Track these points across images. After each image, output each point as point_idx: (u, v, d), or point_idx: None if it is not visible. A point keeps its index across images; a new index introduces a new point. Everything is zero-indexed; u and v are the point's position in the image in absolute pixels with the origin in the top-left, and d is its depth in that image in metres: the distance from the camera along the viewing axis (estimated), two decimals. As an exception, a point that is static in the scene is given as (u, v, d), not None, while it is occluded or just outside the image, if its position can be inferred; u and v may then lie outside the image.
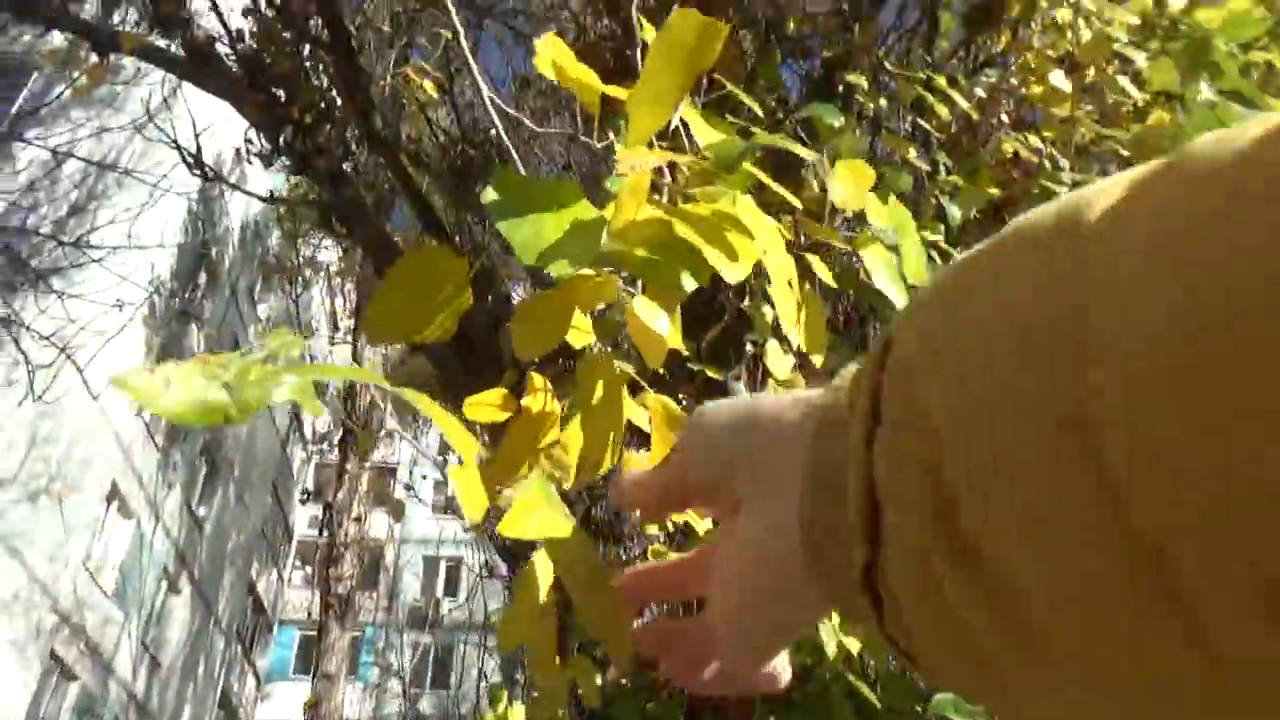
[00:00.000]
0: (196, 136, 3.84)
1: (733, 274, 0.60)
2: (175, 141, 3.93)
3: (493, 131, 4.24)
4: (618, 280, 0.63)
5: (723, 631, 0.35)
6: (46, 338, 6.42)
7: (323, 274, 11.98)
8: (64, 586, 10.46)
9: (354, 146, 3.45)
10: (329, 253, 11.70)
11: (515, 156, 1.36)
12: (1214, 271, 0.18)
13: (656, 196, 0.67)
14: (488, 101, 1.36)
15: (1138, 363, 0.18)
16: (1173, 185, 0.20)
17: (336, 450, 10.74)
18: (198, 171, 4.00)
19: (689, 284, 0.58)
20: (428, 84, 4.23)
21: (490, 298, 2.86)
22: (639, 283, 0.68)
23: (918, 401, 0.23)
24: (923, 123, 2.37)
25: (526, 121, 1.28)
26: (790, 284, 0.74)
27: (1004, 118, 2.52)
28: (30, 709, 10.00)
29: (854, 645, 1.19)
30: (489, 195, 0.62)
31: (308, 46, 3.56)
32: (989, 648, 0.23)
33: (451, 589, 18.03)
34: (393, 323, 0.60)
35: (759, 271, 0.69)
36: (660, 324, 0.64)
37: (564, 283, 0.60)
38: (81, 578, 10.86)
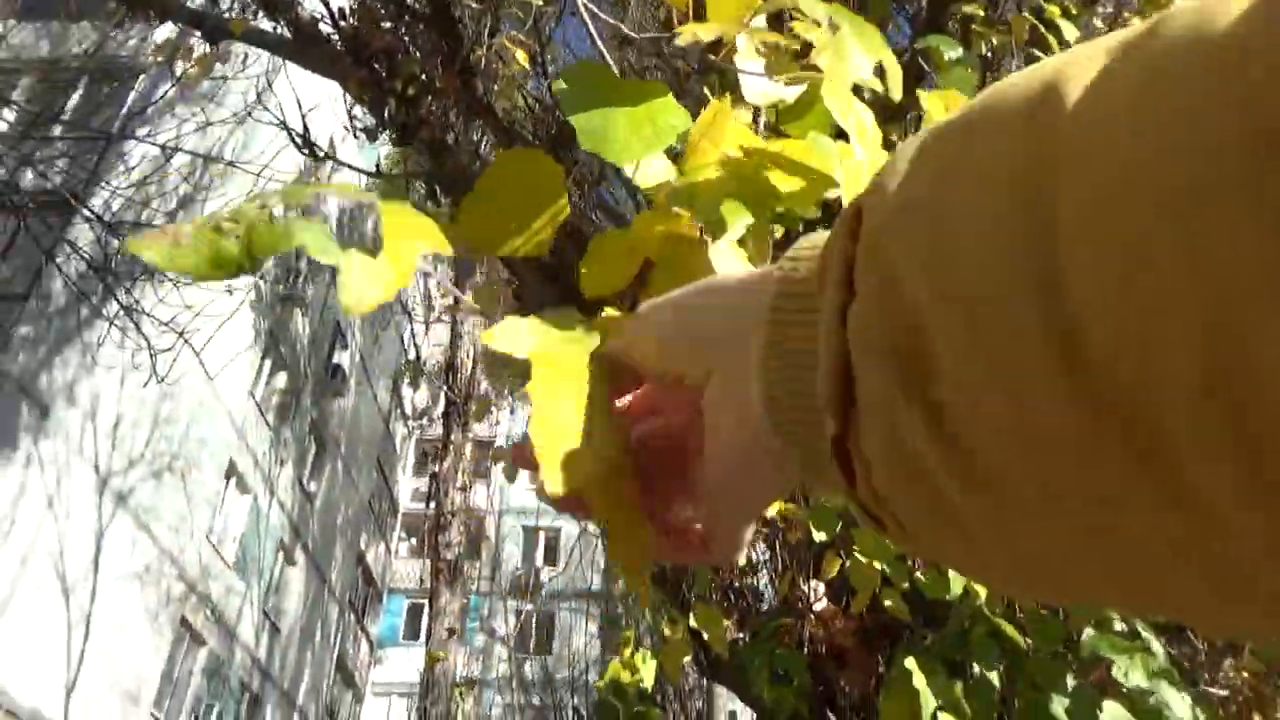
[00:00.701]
0: (304, 117, 3.97)
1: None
2: (284, 122, 4.07)
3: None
4: (686, 218, 0.59)
5: (705, 512, 0.36)
6: (165, 323, 6.75)
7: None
8: (190, 558, 11.11)
9: (453, 117, 3.52)
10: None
11: (610, 61, 1.32)
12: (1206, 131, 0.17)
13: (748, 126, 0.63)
14: (583, 10, 1.30)
15: (1116, 224, 0.18)
16: (1155, 52, 0.19)
17: (440, 424, 11.05)
18: (305, 150, 4.14)
19: (739, 226, 0.55)
20: (520, 54, 4.26)
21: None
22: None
23: (893, 270, 0.23)
24: (1038, 53, 2.28)
25: (624, 29, 1.27)
26: None
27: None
28: (165, 670, 10.71)
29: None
30: (559, 85, 0.57)
31: (406, 21, 3.63)
32: (960, 510, 0.23)
33: (551, 558, 18.42)
34: (486, 228, 0.55)
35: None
36: (728, 268, 0.61)
37: (637, 222, 0.57)
38: (205, 549, 11.52)
